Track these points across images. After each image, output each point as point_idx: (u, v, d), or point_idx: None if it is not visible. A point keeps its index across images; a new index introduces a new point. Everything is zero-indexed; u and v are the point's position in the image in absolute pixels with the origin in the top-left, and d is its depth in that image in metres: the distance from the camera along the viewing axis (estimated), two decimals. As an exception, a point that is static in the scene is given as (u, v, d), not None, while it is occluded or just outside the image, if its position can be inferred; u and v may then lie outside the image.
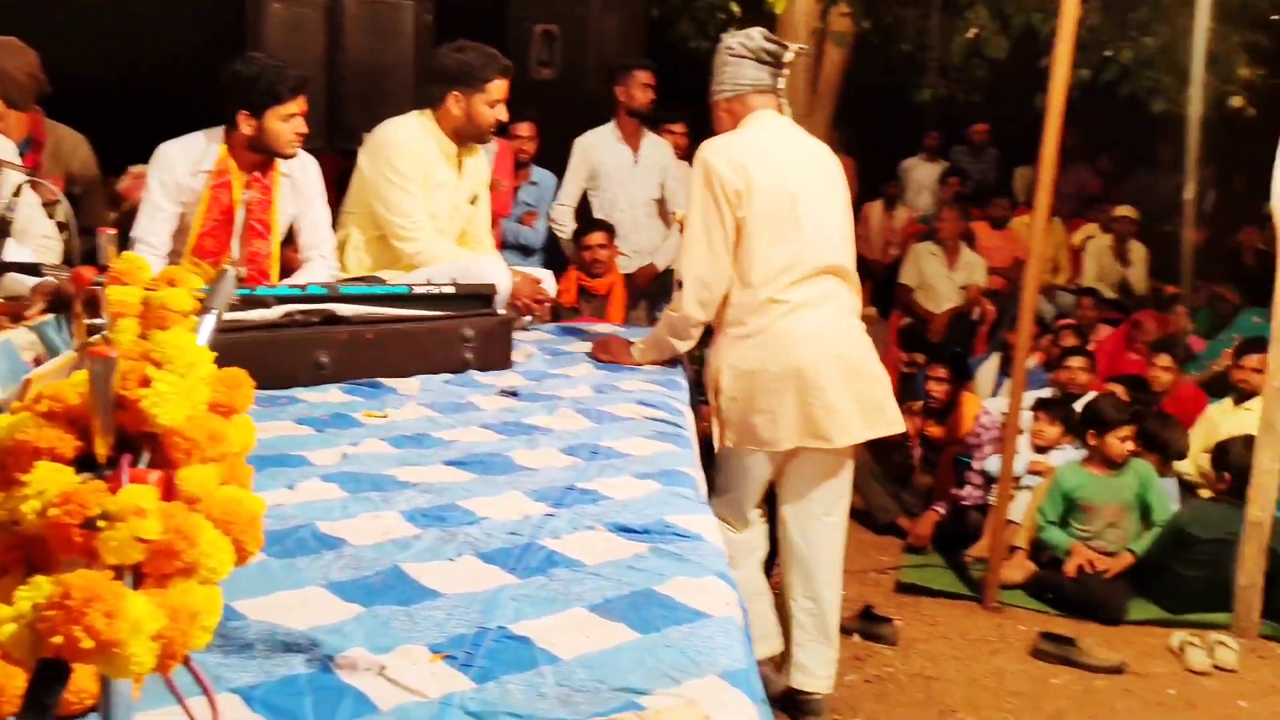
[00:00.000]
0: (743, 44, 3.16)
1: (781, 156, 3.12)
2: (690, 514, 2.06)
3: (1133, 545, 4.59)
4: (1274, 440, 4.28)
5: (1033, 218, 4.50)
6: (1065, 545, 4.64)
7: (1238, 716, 3.73)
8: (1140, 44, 6.57)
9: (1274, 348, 4.31)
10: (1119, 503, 4.67)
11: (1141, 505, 4.68)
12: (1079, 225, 9.13)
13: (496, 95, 3.58)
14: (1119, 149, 10.70)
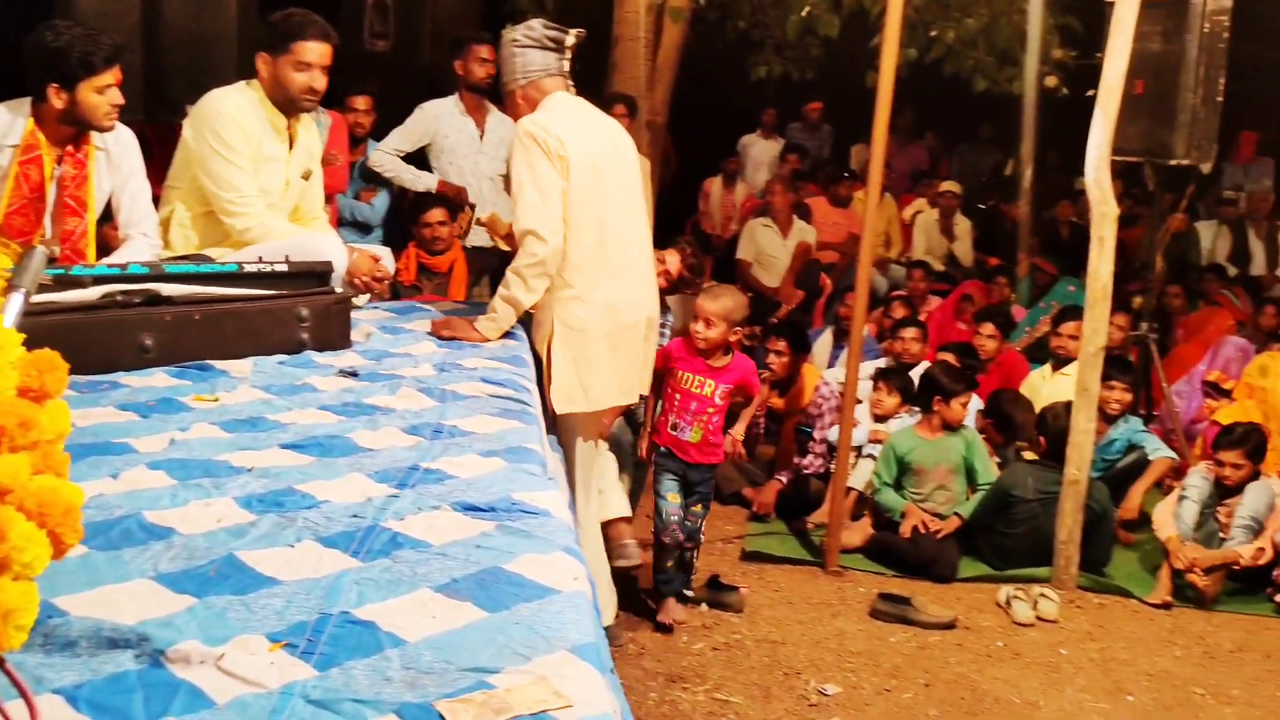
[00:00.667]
0: (526, 34, 3.43)
1: (588, 132, 3.44)
2: (537, 490, 2.05)
3: (960, 509, 4.80)
4: (1088, 403, 4.54)
5: (865, 193, 4.62)
6: (899, 508, 4.82)
7: (1058, 663, 3.96)
8: (963, 25, 6.83)
9: (1088, 315, 4.57)
10: (948, 466, 4.88)
11: (968, 468, 4.89)
12: (910, 201, 9.46)
13: (305, 58, 3.44)
14: (945, 127, 11.13)
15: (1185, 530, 4.62)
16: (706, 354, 4.01)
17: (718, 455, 4.12)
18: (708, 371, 4.02)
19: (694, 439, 4.03)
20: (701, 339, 3.98)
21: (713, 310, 3.95)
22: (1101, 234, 4.48)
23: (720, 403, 4.04)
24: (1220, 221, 9.58)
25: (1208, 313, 7.50)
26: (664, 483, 4.12)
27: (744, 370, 4.09)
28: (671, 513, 4.08)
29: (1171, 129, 5.15)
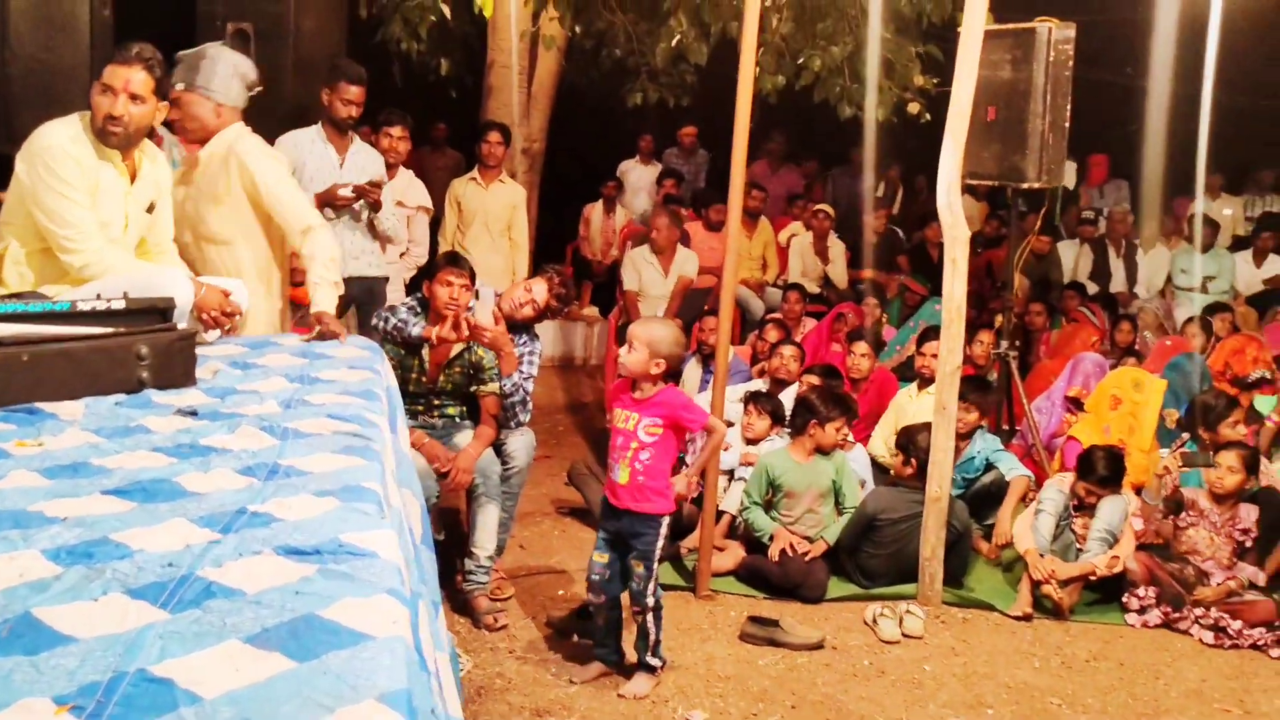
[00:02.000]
0: (239, 67, 4.08)
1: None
2: (368, 531, 2.00)
3: (826, 534, 4.88)
4: (947, 422, 4.66)
5: (728, 215, 4.68)
6: (769, 530, 4.87)
7: (922, 680, 4.03)
8: (829, 53, 6.99)
9: (944, 335, 4.70)
10: (818, 490, 4.95)
11: (837, 491, 4.97)
12: (786, 224, 9.61)
13: (108, 80, 3.29)
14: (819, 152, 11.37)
15: (1043, 543, 4.77)
16: (634, 386, 3.76)
17: (653, 503, 3.71)
18: (632, 404, 3.75)
19: (622, 479, 3.73)
20: (621, 362, 3.76)
21: (637, 334, 3.72)
22: (954, 256, 4.61)
23: (646, 439, 3.69)
24: (1082, 241, 9.96)
25: (1070, 330, 7.78)
26: (598, 540, 3.86)
27: (672, 404, 3.72)
28: (593, 571, 3.82)
29: (1023, 153, 5.35)
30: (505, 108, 7.88)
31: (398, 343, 4.37)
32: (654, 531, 3.73)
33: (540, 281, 4.57)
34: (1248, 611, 4.51)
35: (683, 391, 4.19)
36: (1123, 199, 11.15)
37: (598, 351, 8.51)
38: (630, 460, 3.70)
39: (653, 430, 3.69)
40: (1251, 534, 4.74)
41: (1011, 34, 5.39)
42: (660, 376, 3.71)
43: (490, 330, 4.38)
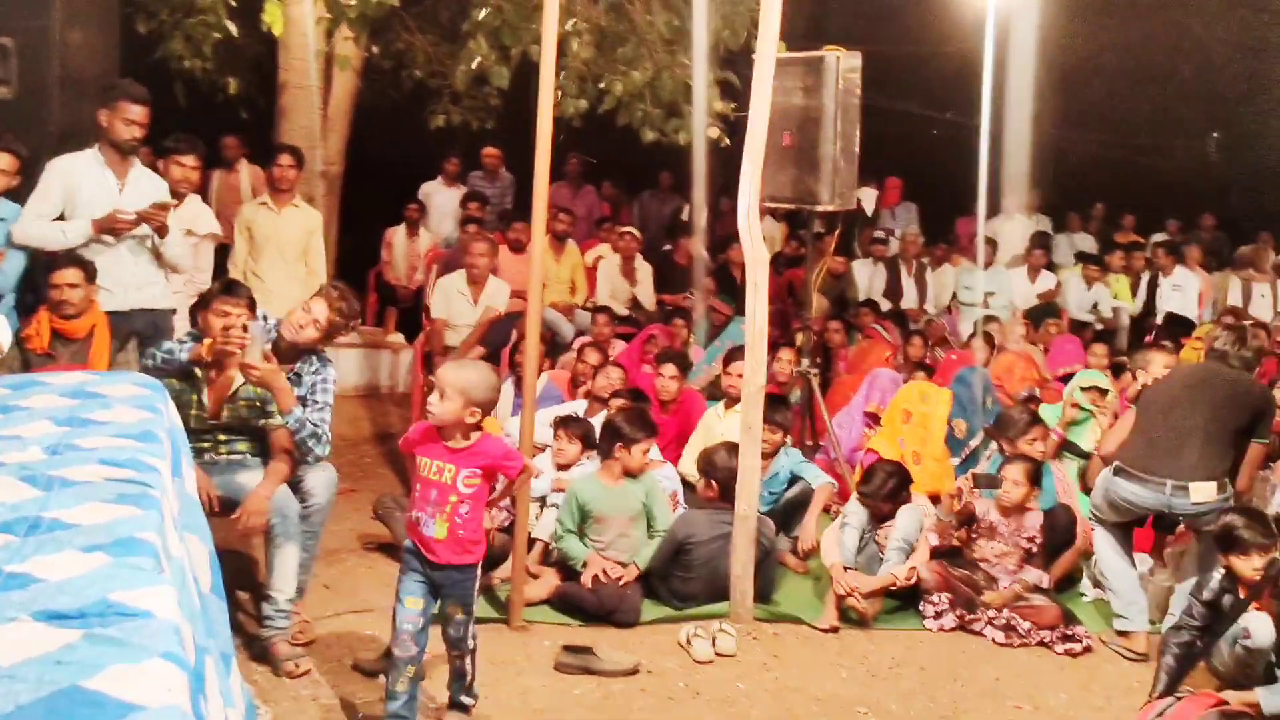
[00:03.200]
0: None
1: None
2: (141, 587, 1.85)
3: (639, 558, 4.88)
4: (753, 441, 4.75)
5: (532, 238, 4.64)
6: (582, 556, 4.84)
7: (736, 698, 4.07)
8: (629, 78, 7.06)
9: (747, 355, 4.79)
10: (629, 514, 4.95)
11: (648, 514, 4.98)
12: (593, 245, 9.65)
13: None
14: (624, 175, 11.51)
15: (848, 556, 4.91)
16: (445, 434, 3.48)
17: (473, 553, 3.53)
18: (446, 454, 3.47)
19: (439, 534, 3.45)
20: (431, 412, 3.46)
21: (448, 380, 3.43)
22: (755, 278, 4.71)
23: (466, 490, 3.46)
24: (875, 261, 10.40)
25: (865, 346, 8.09)
26: (404, 583, 3.56)
27: (492, 454, 3.50)
28: (406, 620, 3.51)
29: (816, 177, 5.53)
30: (300, 130, 7.62)
31: (171, 374, 4.09)
32: (473, 578, 3.56)
33: (319, 300, 4.37)
34: (1035, 616, 4.75)
35: (499, 438, 3.96)
36: (912, 220, 11.73)
37: (404, 379, 8.30)
38: (450, 515, 3.45)
39: (471, 482, 3.47)
40: (1037, 540, 5.00)
41: (802, 62, 5.57)
42: (477, 425, 3.47)
43: (259, 368, 4.08)
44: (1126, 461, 4.74)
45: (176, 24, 7.10)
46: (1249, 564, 3.99)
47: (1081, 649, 4.61)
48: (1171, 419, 4.70)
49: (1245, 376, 4.81)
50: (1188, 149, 15.21)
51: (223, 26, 6.83)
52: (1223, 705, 3.39)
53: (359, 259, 9.32)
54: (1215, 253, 11.88)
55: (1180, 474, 4.55)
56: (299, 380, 4.32)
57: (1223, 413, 4.65)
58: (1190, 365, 4.98)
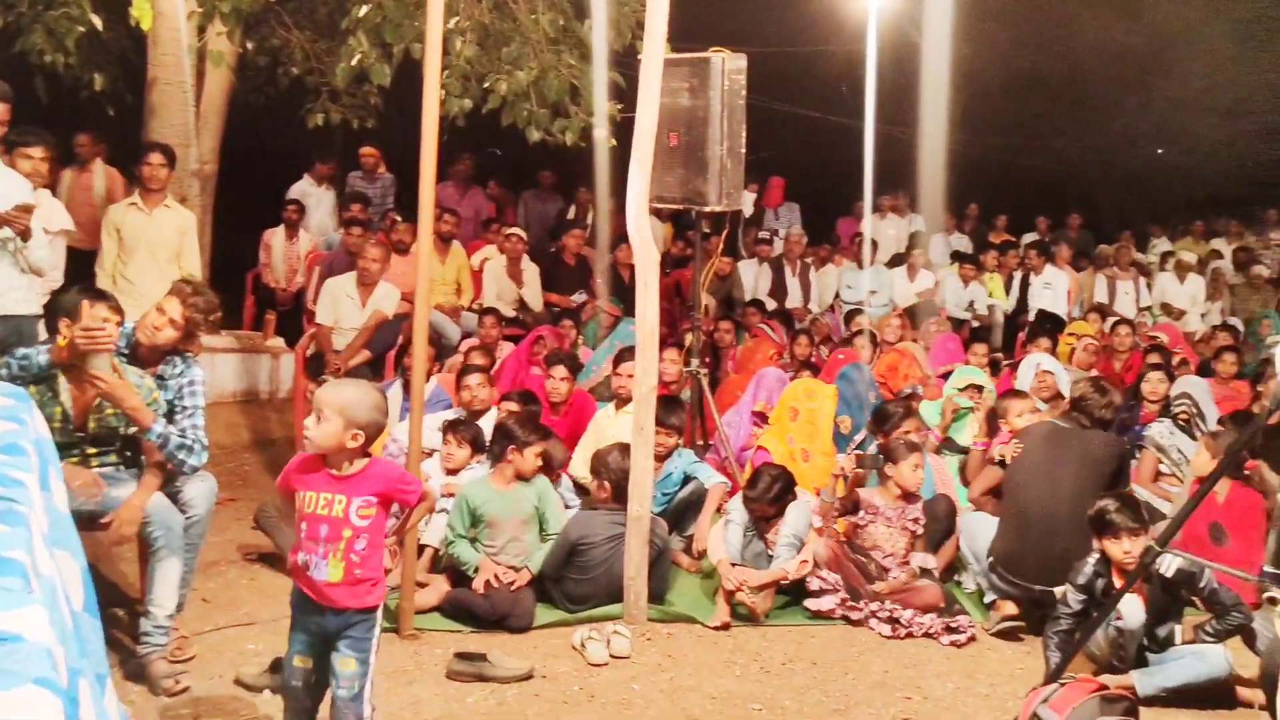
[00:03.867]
0: None
1: None
2: (11, 609, 1.76)
3: (531, 562, 4.85)
4: (645, 442, 4.75)
5: (419, 239, 4.56)
6: (474, 562, 4.78)
7: (631, 699, 4.07)
8: (514, 78, 6.99)
9: (638, 356, 4.79)
10: (521, 517, 4.90)
11: (540, 517, 4.95)
12: (479, 247, 9.57)
13: None
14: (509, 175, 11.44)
15: (734, 553, 4.95)
16: (331, 461, 3.13)
17: (372, 594, 3.12)
18: (333, 484, 3.10)
19: (333, 577, 3.06)
20: (308, 436, 3.11)
21: (325, 400, 3.09)
22: (645, 279, 4.72)
23: (360, 522, 3.08)
24: (761, 261, 10.55)
25: (752, 345, 8.19)
26: (292, 638, 3.19)
27: (386, 477, 3.15)
28: (293, 677, 3.17)
29: (704, 178, 5.56)
30: (172, 127, 7.35)
31: (29, 381, 3.85)
32: (372, 624, 3.15)
33: (172, 299, 4.19)
34: (917, 597, 4.86)
35: (392, 461, 3.70)
36: (796, 221, 11.93)
37: (285, 384, 8.09)
38: (344, 553, 3.06)
39: (366, 512, 3.10)
40: (921, 522, 5.13)
41: (688, 63, 5.60)
42: (361, 450, 3.14)
43: (105, 380, 3.80)
44: (999, 559, 4.92)
45: (37, 16, 6.78)
46: (1119, 547, 4.15)
47: (966, 639, 4.74)
48: (1037, 502, 4.85)
49: (1099, 435, 5.01)
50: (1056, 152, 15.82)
51: (86, 20, 6.54)
52: (1102, 690, 3.51)
53: (236, 261, 9.06)
54: (1083, 252, 12.40)
55: (1049, 576, 4.63)
56: (163, 384, 4.16)
57: (1086, 482, 4.80)
58: (1046, 430, 5.08)
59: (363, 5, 6.54)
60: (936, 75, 12.92)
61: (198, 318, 4.18)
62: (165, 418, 4.07)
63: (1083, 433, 5.02)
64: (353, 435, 3.07)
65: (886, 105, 10.30)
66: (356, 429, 3.07)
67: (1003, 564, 4.90)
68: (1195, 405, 6.66)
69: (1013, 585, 4.85)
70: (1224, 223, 13.60)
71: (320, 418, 3.08)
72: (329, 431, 3.06)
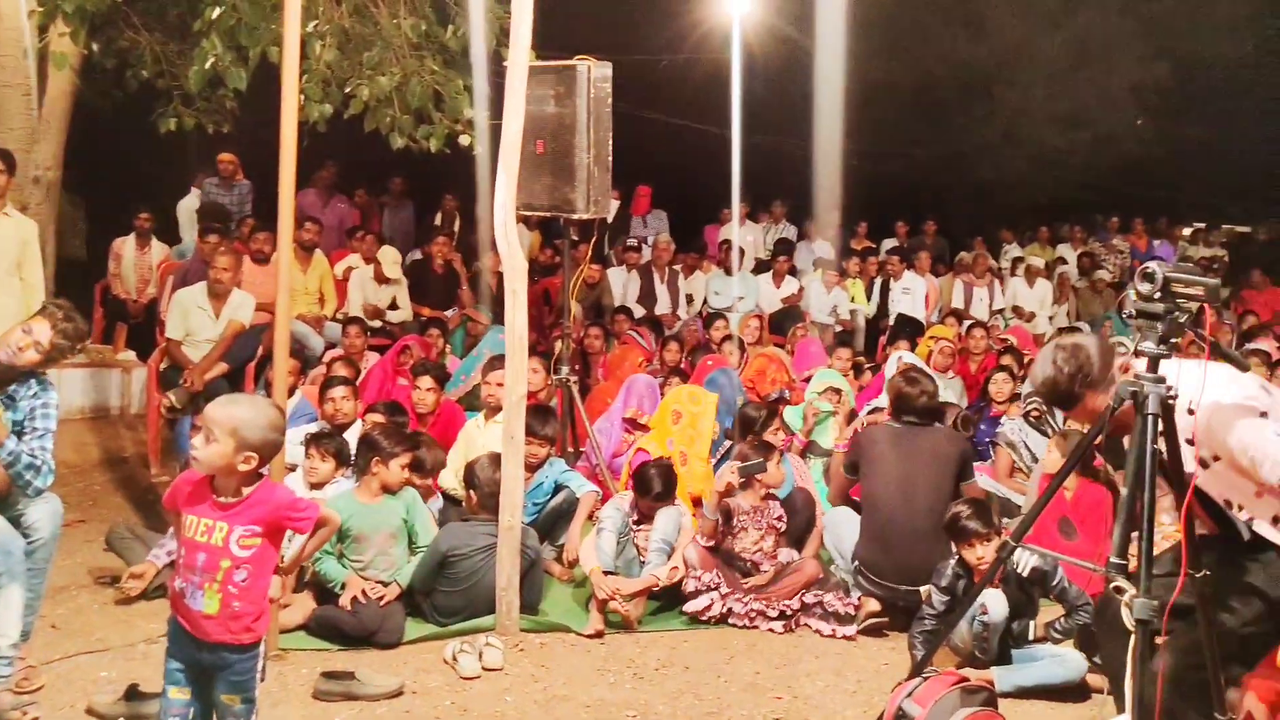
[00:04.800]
0: None
1: None
2: None
3: (400, 576, 4.76)
4: (516, 451, 4.71)
5: (279, 248, 4.43)
6: (341, 578, 4.67)
7: (505, 712, 4.03)
8: (376, 83, 6.86)
9: (508, 365, 4.76)
10: (389, 530, 4.81)
11: (409, 530, 4.87)
12: (343, 255, 9.38)
13: None
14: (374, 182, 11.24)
15: (606, 560, 4.95)
16: (217, 485, 2.95)
17: (252, 631, 2.96)
18: (215, 509, 2.93)
19: (209, 609, 2.90)
20: (196, 457, 2.92)
21: (216, 419, 2.91)
22: (514, 287, 4.69)
23: (241, 553, 2.91)
24: (629, 268, 10.60)
25: (621, 352, 8.21)
26: (169, 667, 3.00)
27: (274, 504, 2.97)
28: (169, 710, 2.98)
29: (571, 186, 5.55)
30: (11, 132, 6.99)
31: None
32: (254, 660, 2.99)
33: (41, 320, 3.98)
34: (796, 577, 4.96)
35: (284, 486, 3.49)
36: (663, 228, 12.03)
37: (137, 400, 7.76)
38: (222, 584, 2.90)
39: (249, 542, 2.93)
40: (783, 519, 5.22)
41: (554, 70, 5.58)
42: (254, 473, 2.96)
43: None
44: (863, 563, 5.03)
45: None
46: (973, 553, 4.39)
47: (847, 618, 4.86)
48: (895, 509, 4.96)
49: (940, 432, 5.19)
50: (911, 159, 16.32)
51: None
52: (963, 682, 3.62)
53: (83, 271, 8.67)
54: (939, 258, 12.84)
55: (913, 578, 4.80)
56: (13, 404, 3.94)
57: (939, 481, 4.97)
58: (886, 434, 5.16)
59: (215, 7, 6.32)
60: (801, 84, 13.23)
61: (65, 344, 3.97)
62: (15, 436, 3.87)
63: (923, 431, 5.15)
64: (244, 458, 2.90)
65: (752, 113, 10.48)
66: (249, 451, 2.90)
67: (867, 567, 5.02)
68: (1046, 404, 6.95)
69: (878, 587, 4.97)
70: (1068, 229, 14.28)
71: (209, 437, 2.90)
72: (218, 453, 2.89)
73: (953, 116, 16.24)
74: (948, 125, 16.25)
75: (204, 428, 2.92)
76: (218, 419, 2.90)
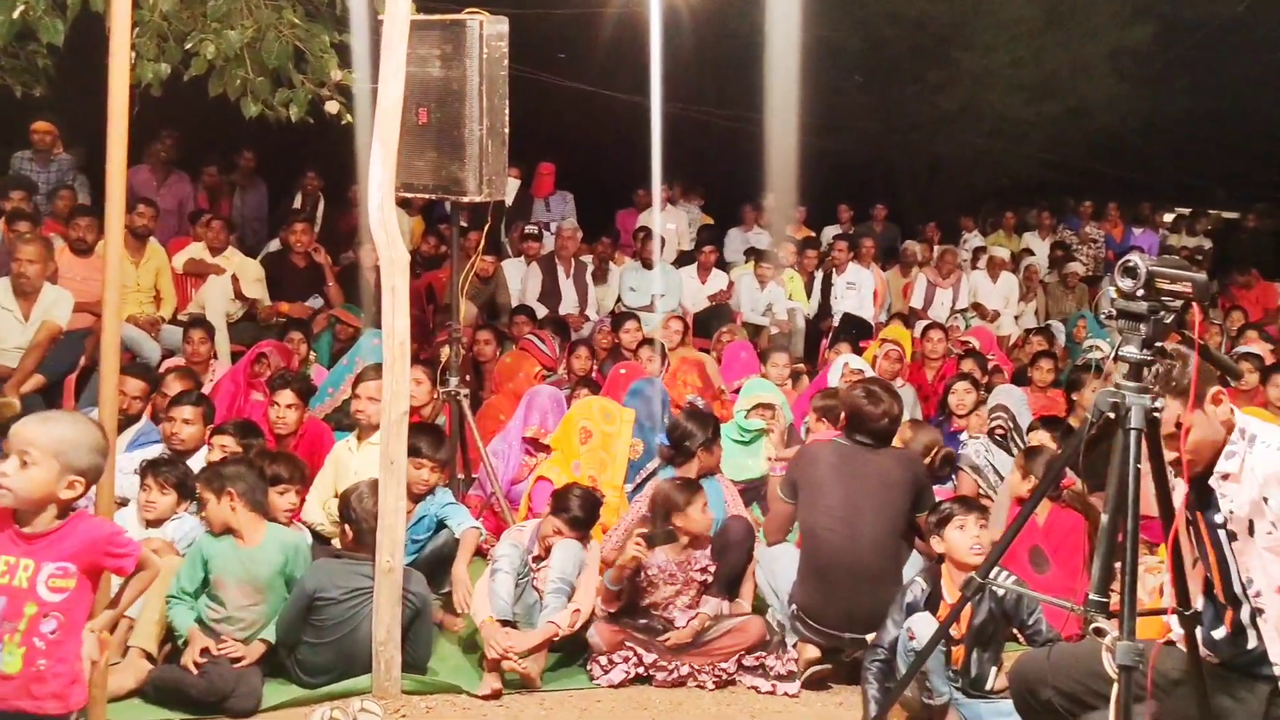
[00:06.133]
0: None
1: None
2: None
3: (266, 632, 4.70)
4: (396, 478, 4.66)
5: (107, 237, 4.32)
6: (185, 630, 4.60)
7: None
8: (224, 39, 6.73)
9: (387, 375, 4.70)
10: (255, 581, 4.75)
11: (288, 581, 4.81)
12: (184, 245, 9.23)
13: None
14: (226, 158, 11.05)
15: (502, 608, 4.88)
16: (21, 516, 2.88)
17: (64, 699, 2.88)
18: (18, 544, 2.85)
19: (9, 667, 2.82)
20: (7, 486, 2.84)
21: (33, 439, 2.86)
22: (392, 283, 4.64)
23: (51, 597, 2.84)
24: (529, 260, 10.57)
25: (516, 359, 8.15)
26: None
27: (90, 539, 2.91)
28: None
29: (461, 163, 5.50)
30: None
31: None
32: None
33: None
34: (736, 636, 4.96)
35: (100, 518, 3.45)
36: (569, 212, 12.02)
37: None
38: (26, 635, 2.83)
39: (61, 584, 2.86)
40: (710, 569, 5.19)
41: (440, 26, 5.54)
42: (75, 500, 2.94)
43: None
44: (801, 607, 5.06)
45: None
46: (965, 536, 4.50)
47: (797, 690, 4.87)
48: (838, 547, 4.99)
49: (891, 454, 5.24)
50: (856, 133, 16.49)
51: None
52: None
53: None
54: (890, 248, 13.01)
55: (859, 624, 4.84)
56: None
57: (888, 514, 5.02)
58: (831, 454, 5.18)
59: (24, -56, 6.17)
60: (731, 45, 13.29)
61: None
62: None
63: (874, 454, 5.15)
64: (69, 484, 2.88)
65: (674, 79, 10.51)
66: (75, 475, 2.88)
67: (806, 612, 5.05)
68: (1011, 418, 7.10)
69: (818, 634, 5.00)
70: (1035, 214, 14.47)
71: (26, 461, 2.84)
72: (38, 480, 2.84)
73: (905, 84, 16.46)
74: (899, 94, 16.47)
75: (14, 451, 2.85)
76: (35, 440, 2.85)
